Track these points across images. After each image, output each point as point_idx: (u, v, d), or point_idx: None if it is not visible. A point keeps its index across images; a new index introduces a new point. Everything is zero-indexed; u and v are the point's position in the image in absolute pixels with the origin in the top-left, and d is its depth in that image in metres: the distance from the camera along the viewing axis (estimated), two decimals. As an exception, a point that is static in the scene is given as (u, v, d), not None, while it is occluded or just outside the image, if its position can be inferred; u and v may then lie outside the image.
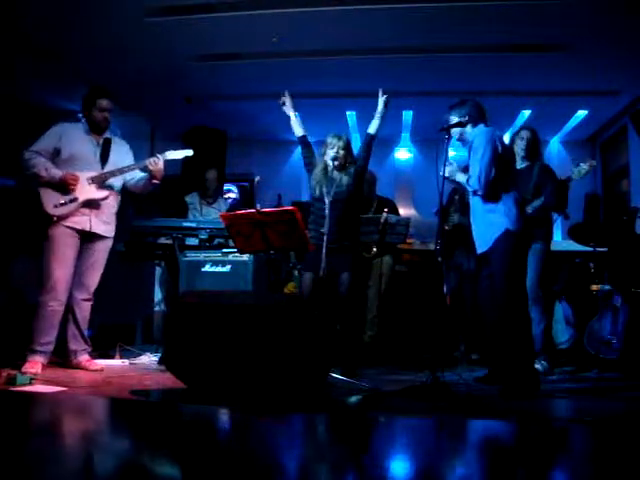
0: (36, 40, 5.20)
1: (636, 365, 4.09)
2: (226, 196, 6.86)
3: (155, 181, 4.05)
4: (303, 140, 4.30)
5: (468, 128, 3.62)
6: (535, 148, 4.30)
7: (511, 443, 2.49)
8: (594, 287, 4.69)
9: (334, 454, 2.18)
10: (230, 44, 5.37)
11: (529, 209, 4.02)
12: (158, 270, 5.38)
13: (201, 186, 5.92)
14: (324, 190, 3.91)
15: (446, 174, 3.56)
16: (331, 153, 3.99)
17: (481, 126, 3.61)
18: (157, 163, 3.97)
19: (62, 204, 3.83)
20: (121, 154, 4.11)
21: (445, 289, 4.13)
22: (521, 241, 3.50)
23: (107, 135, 4.10)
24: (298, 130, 4.31)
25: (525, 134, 4.32)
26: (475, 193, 3.52)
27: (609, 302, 4.38)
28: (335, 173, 4.02)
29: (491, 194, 3.48)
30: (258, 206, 3.73)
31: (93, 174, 3.91)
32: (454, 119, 3.64)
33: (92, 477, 1.81)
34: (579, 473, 1.96)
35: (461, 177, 3.60)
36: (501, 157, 3.49)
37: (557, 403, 3.34)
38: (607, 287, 4.51)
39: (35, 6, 4.60)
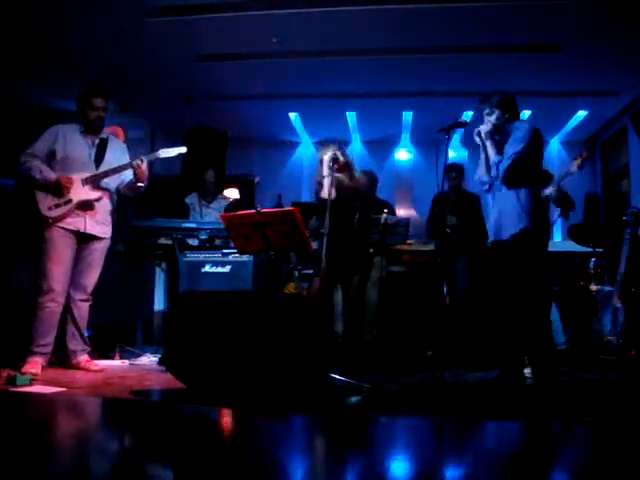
0: (36, 40, 5.20)
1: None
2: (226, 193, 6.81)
3: (140, 184, 3.99)
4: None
5: (502, 121, 3.61)
6: None
7: (511, 443, 2.49)
8: (594, 287, 4.70)
9: (334, 454, 2.18)
10: (230, 44, 5.37)
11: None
12: (158, 270, 5.38)
13: (200, 187, 5.92)
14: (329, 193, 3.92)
15: (483, 129, 3.59)
16: (326, 157, 3.97)
17: (524, 122, 3.65)
18: (140, 165, 3.91)
19: (56, 206, 3.83)
20: (116, 154, 4.08)
21: (445, 289, 4.14)
22: (540, 240, 3.51)
23: (103, 135, 4.07)
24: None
25: None
26: (495, 177, 3.54)
27: (609, 302, 4.38)
28: (340, 176, 4.02)
29: (510, 185, 3.50)
30: (258, 206, 3.73)
31: (87, 175, 3.89)
32: (494, 112, 3.62)
33: (92, 478, 1.81)
34: (579, 473, 1.96)
35: (491, 150, 3.58)
36: (537, 156, 3.55)
37: (557, 403, 3.33)
38: (607, 287, 4.51)
39: (35, 6, 4.60)
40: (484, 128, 3.63)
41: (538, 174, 3.61)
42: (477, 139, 3.68)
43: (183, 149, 4.14)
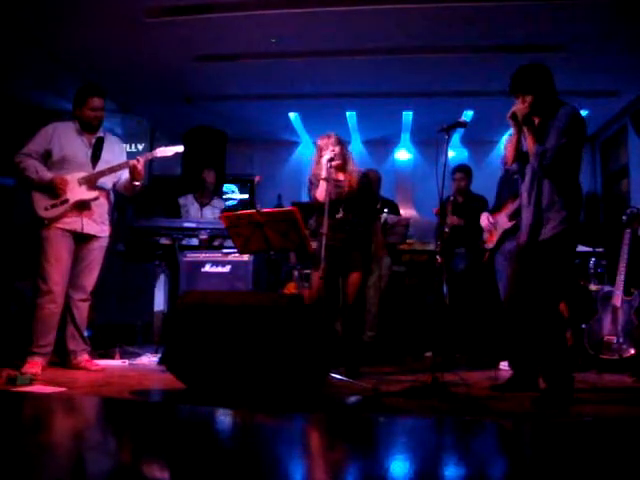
0: (36, 40, 5.21)
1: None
2: (225, 197, 6.81)
3: (136, 183, 3.95)
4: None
5: (539, 103, 3.26)
6: None
7: (510, 443, 2.49)
8: (594, 287, 4.70)
9: (334, 454, 2.18)
10: (230, 44, 5.37)
11: None
12: (158, 270, 5.39)
13: (200, 187, 5.90)
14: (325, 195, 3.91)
15: (519, 112, 3.24)
16: (324, 159, 3.94)
17: (566, 107, 3.29)
18: (136, 165, 3.87)
19: (52, 206, 3.80)
20: (114, 153, 4.04)
21: (445, 289, 4.14)
22: (575, 240, 3.32)
23: (100, 134, 4.03)
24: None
25: None
26: (539, 168, 3.20)
27: (609, 302, 4.38)
28: (335, 173, 4.00)
29: (554, 177, 3.21)
30: (258, 206, 3.73)
31: (83, 175, 3.86)
32: (529, 93, 3.27)
33: (91, 478, 1.81)
34: (579, 473, 1.96)
35: (529, 138, 3.25)
36: (579, 143, 3.31)
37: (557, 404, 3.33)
38: (607, 287, 4.52)
39: (35, 6, 4.60)
40: (521, 111, 3.26)
41: (578, 164, 3.31)
42: (511, 122, 3.32)
43: (180, 148, 4.08)
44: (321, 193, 3.90)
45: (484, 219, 4.60)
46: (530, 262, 3.29)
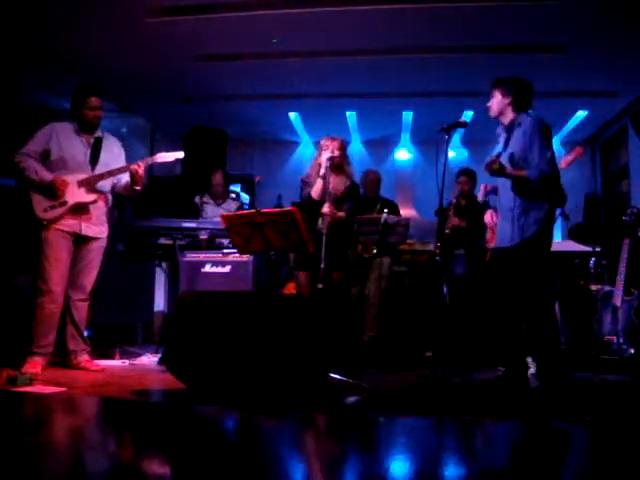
0: (36, 40, 5.21)
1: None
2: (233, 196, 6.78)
3: (136, 187, 3.94)
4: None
5: (508, 112, 3.56)
6: None
7: (511, 443, 2.49)
8: (594, 287, 4.70)
9: (334, 454, 2.18)
10: (230, 44, 5.37)
11: None
12: (158, 271, 5.39)
13: (206, 188, 5.87)
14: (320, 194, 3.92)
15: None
16: (325, 154, 3.96)
17: (532, 115, 3.53)
18: (137, 170, 3.86)
19: (51, 208, 3.79)
20: (112, 154, 4.04)
21: (445, 289, 4.15)
22: (549, 241, 3.49)
23: (98, 134, 4.02)
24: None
25: None
26: (540, 191, 3.39)
27: (609, 302, 4.38)
28: (330, 174, 4.01)
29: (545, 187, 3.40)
30: (258, 206, 3.73)
31: (82, 177, 3.84)
32: (497, 95, 3.57)
33: (92, 478, 1.81)
34: (579, 473, 1.96)
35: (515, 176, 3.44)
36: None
37: (556, 403, 3.33)
38: (607, 287, 4.52)
39: (36, 7, 4.60)
40: (489, 168, 3.47)
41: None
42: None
43: (180, 154, 4.06)
44: (317, 192, 3.92)
45: (488, 216, 4.61)
46: (510, 266, 3.46)
